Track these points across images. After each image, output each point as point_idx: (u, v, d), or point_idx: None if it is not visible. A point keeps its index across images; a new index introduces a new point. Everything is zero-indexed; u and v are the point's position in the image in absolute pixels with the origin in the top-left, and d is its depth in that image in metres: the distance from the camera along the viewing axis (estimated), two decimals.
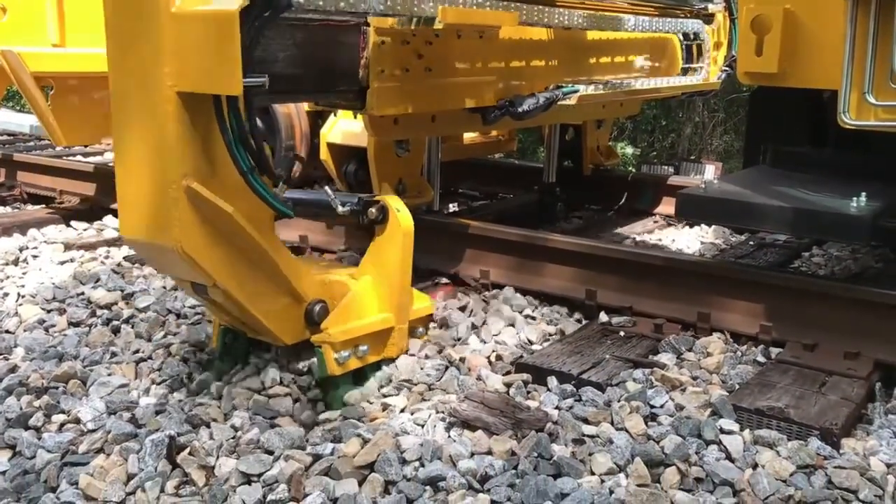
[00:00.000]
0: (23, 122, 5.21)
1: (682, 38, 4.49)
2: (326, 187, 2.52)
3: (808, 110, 3.79)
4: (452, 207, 4.81)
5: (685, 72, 4.52)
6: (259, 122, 4.48)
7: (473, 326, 2.88)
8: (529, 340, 2.83)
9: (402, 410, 2.31)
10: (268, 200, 2.16)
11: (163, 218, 2.05)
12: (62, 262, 3.74)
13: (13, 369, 2.60)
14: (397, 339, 2.53)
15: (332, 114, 3.90)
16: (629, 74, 4.15)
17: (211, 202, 2.05)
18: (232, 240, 2.15)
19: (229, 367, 2.56)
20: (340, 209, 2.48)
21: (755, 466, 1.96)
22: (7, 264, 3.70)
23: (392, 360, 2.54)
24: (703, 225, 4.65)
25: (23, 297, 3.28)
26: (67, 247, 3.97)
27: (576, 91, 3.32)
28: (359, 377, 2.45)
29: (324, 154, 3.79)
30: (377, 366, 2.52)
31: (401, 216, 2.48)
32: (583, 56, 3.80)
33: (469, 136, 4.92)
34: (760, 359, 2.63)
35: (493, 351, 2.71)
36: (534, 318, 3.00)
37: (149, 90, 2.00)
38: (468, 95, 3.14)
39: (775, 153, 3.59)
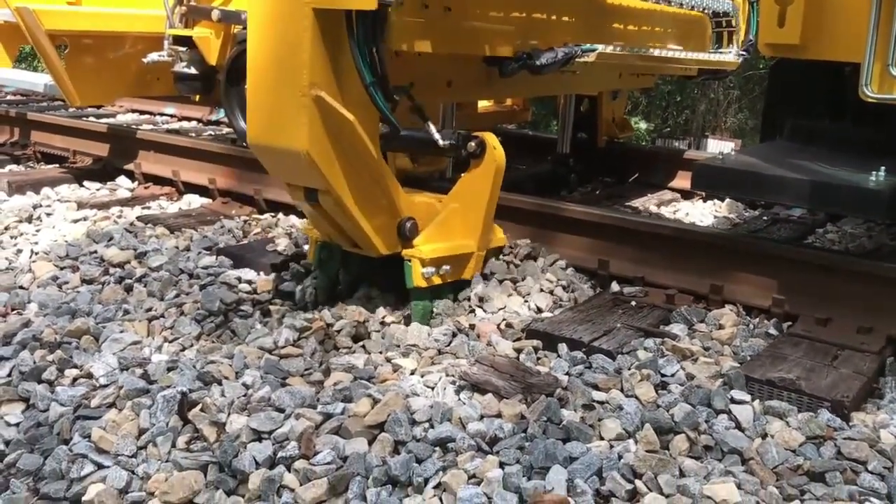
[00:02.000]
0: (37, 81, 5.20)
1: (712, 17, 4.44)
2: (429, 122, 2.68)
3: (828, 84, 3.74)
4: None
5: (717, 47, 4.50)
6: None
7: (481, 300, 2.88)
8: (539, 308, 2.83)
9: (413, 373, 2.32)
10: (384, 113, 2.42)
11: (292, 124, 2.29)
12: (75, 221, 3.75)
13: (27, 324, 2.62)
14: (474, 263, 2.77)
15: None
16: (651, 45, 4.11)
17: (336, 111, 2.28)
18: (348, 149, 2.38)
19: (324, 283, 2.83)
20: (442, 142, 2.65)
21: (764, 436, 1.96)
22: (21, 221, 3.71)
23: (468, 281, 2.79)
24: (716, 200, 4.63)
25: (36, 253, 3.29)
26: (80, 205, 3.98)
27: (594, 49, 3.29)
28: (436, 293, 2.70)
29: None
30: (458, 285, 2.79)
31: (497, 153, 2.66)
32: (604, 20, 3.77)
33: (483, 105, 4.89)
34: (773, 332, 2.62)
35: (503, 319, 2.71)
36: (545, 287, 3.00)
37: (286, 4, 2.25)
38: (486, 42, 3.14)
39: (793, 127, 3.55)
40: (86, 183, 4.52)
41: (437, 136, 2.65)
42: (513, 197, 3.39)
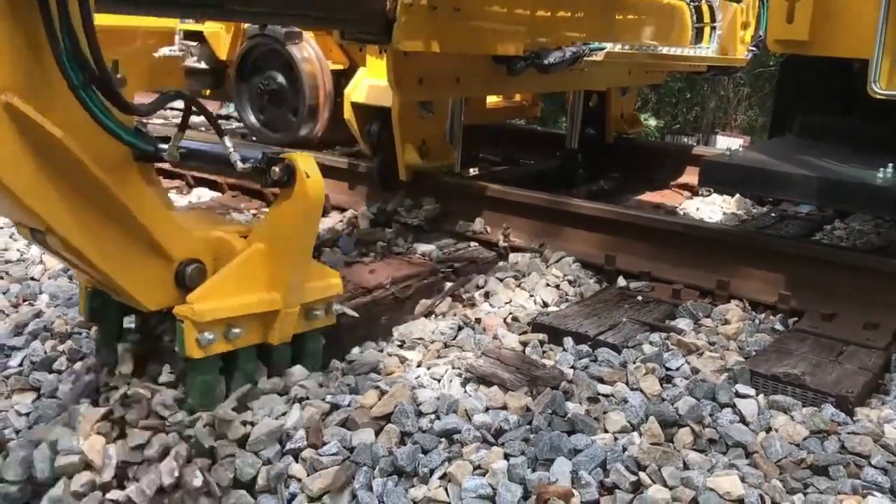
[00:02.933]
0: None
1: (691, 8, 4.42)
2: (226, 138, 2.04)
3: (837, 80, 3.74)
4: (473, 172, 4.81)
5: (695, 43, 4.47)
6: (284, 81, 4.52)
7: (487, 295, 2.90)
8: (545, 303, 2.85)
9: (419, 365, 2.33)
10: (106, 124, 1.73)
11: None
12: None
13: (38, 315, 2.65)
14: (282, 324, 2.07)
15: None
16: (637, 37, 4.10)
17: (36, 124, 1.65)
18: (70, 176, 1.73)
19: (105, 339, 2.22)
20: (240, 165, 2.02)
21: (769, 430, 1.97)
22: None
23: (270, 346, 2.10)
24: (725, 196, 4.63)
25: None
26: None
27: (602, 48, 3.30)
28: (228, 364, 2.04)
29: (347, 113, 3.79)
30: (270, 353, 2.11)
31: (310, 182, 1.99)
32: (611, 16, 3.78)
33: (492, 101, 4.90)
34: (779, 327, 2.63)
35: (510, 312, 2.73)
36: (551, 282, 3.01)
37: None
38: (495, 41, 3.14)
39: (802, 123, 3.55)
40: None
41: (234, 155, 2.01)
42: (520, 192, 3.41)
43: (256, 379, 2.09)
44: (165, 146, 1.98)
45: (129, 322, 2.23)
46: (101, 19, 4.41)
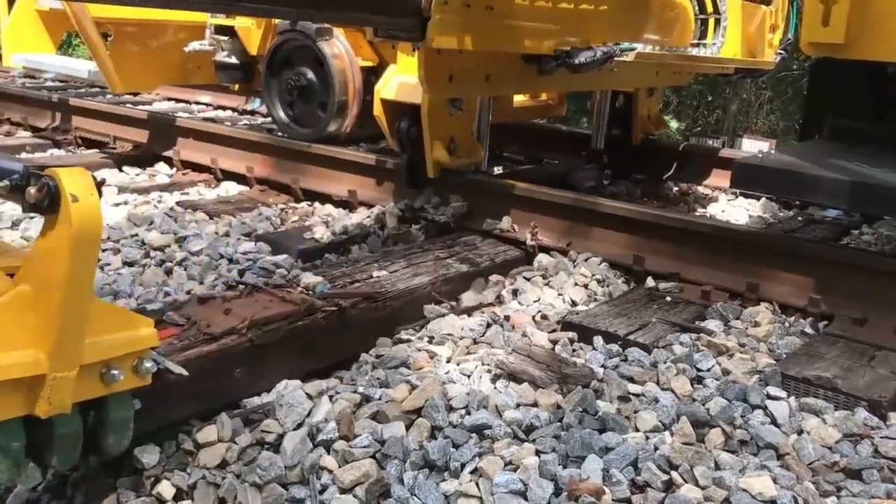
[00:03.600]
0: (80, 67, 5.29)
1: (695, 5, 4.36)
2: None
3: (870, 84, 3.71)
4: (497, 171, 4.81)
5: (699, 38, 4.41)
6: (313, 77, 4.54)
7: (515, 293, 2.90)
8: (574, 302, 2.85)
9: (448, 361, 2.35)
10: None
11: None
12: (116, 205, 3.82)
13: None
14: (53, 392, 1.53)
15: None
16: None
17: None
18: None
19: None
20: None
21: (800, 432, 1.97)
22: None
23: (38, 419, 1.54)
24: (751, 198, 4.62)
25: None
26: (121, 190, 4.05)
27: (633, 48, 3.29)
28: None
29: (377, 110, 3.81)
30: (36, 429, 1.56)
31: (78, 208, 1.43)
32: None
33: (519, 99, 4.90)
34: (809, 330, 2.62)
35: (539, 311, 2.74)
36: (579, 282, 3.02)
37: None
38: (526, 40, 3.14)
39: (833, 127, 3.53)
40: (125, 168, 4.60)
41: None
42: (548, 191, 3.41)
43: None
44: None
45: None
46: (134, 13, 4.47)
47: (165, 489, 1.81)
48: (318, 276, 2.53)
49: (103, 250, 3.19)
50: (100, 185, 1.51)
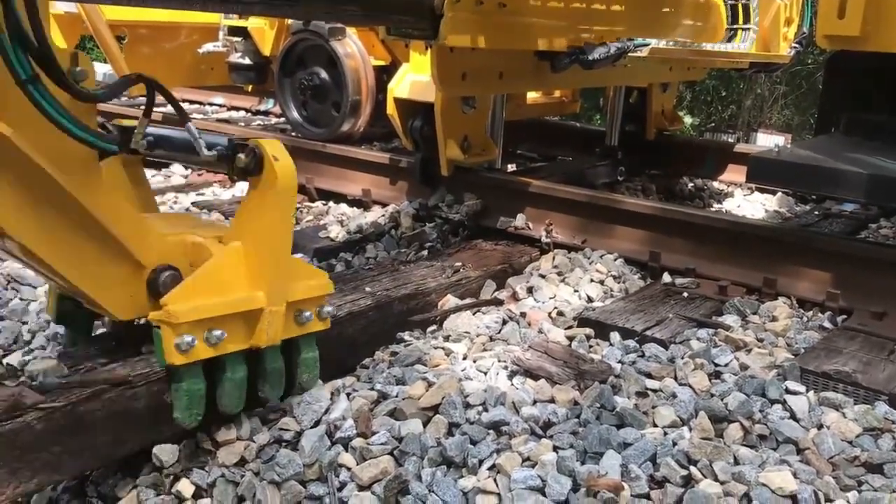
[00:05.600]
0: (95, 70, 5.33)
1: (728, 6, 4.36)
2: (189, 124, 1.91)
3: (887, 77, 3.69)
4: (511, 169, 4.81)
5: (729, 38, 4.41)
6: (327, 76, 4.55)
7: (531, 290, 2.90)
8: (590, 298, 2.85)
9: (465, 358, 2.34)
10: (56, 120, 1.57)
11: None
12: None
13: None
14: (268, 324, 1.87)
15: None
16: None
17: None
18: (24, 177, 1.61)
19: (73, 341, 2.07)
20: (204, 153, 1.88)
21: (820, 427, 1.96)
22: None
23: (260, 352, 1.90)
24: (767, 193, 4.59)
25: None
26: None
27: (647, 44, 3.28)
28: (214, 369, 1.85)
29: (390, 109, 3.81)
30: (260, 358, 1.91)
31: (279, 166, 1.82)
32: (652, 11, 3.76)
33: (532, 97, 4.90)
34: (827, 325, 2.60)
35: (555, 307, 2.73)
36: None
37: None
38: (539, 37, 3.13)
39: (849, 120, 3.51)
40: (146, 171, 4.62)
41: (199, 142, 1.88)
42: (563, 188, 3.40)
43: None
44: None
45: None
46: (147, 14, 4.49)
47: (185, 487, 1.82)
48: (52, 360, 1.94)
49: None
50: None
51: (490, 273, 2.96)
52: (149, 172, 4.53)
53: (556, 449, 1.85)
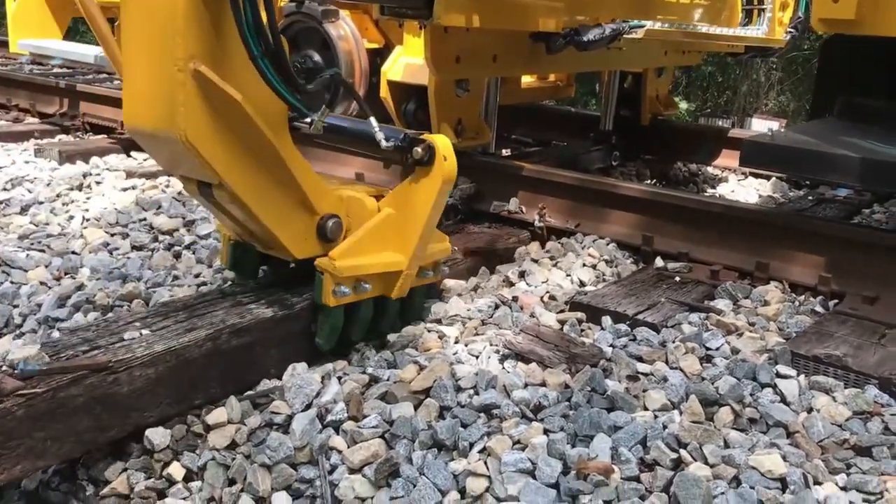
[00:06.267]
0: (87, 52, 5.28)
1: None
2: (372, 118, 2.23)
3: (881, 61, 3.68)
4: (505, 153, 4.79)
5: (745, 23, 4.40)
6: (320, 59, 4.52)
7: (523, 274, 2.89)
8: (582, 282, 2.85)
9: (456, 341, 2.34)
10: (278, 90, 1.95)
11: (168, 104, 1.86)
12: (124, 189, 3.82)
13: (80, 287, 2.69)
14: (402, 283, 2.30)
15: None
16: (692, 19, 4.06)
17: (219, 88, 1.87)
18: (242, 135, 1.96)
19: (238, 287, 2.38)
20: (384, 143, 2.21)
21: (810, 410, 1.96)
22: (72, 189, 3.79)
23: (386, 299, 2.31)
24: (761, 178, 4.59)
25: (87, 220, 3.36)
26: (129, 174, 4.05)
27: (642, 25, 3.27)
28: (351, 311, 2.25)
29: (384, 92, 3.79)
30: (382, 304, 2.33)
31: (447, 165, 2.21)
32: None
33: (527, 81, 4.87)
34: (819, 309, 2.61)
35: (547, 291, 2.73)
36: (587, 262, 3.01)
37: None
38: (534, 17, 3.12)
39: (844, 105, 3.50)
40: (133, 153, 4.59)
41: (379, 134, 2.21)
42: (556, 172, 3.39)
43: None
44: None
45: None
46: None
47: (175, 470, 1.82)
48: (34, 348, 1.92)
49: (111, 234, 3.19)
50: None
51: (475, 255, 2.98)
52: (141, 156, 4.52)
53: (546, 432, 1.85)
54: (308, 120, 2.17)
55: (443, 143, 2.22)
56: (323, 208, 2.23)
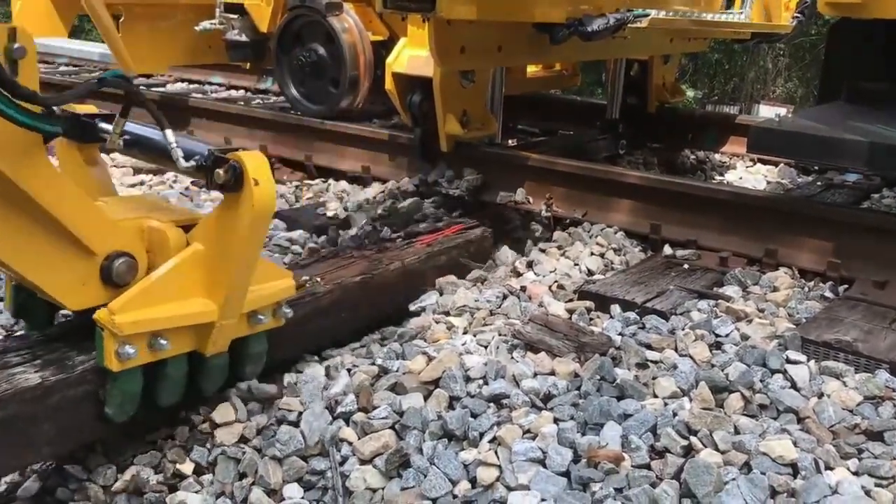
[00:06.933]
0: (91, 50, 5.30)
1: None
2: (168, 131, 1.76)
3: (889, 45, 3.64)
4: (511, 143, 4.78)
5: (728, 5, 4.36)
6: (324, 53, 4.52)
7: (531, 264, 2.89)
8: (590, 271, 2.84)
9: (465, 332, 2.34)
10: (7, 115, 1.50)
11: None
12: (132, 185, 3.84)
13: None
14: (217, 337, 1.84)
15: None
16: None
17: None
18: None
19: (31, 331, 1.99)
20: (182, 163, 1.75)
21: (821, 396, 1.95)
22: None
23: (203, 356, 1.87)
24: (769, 165, 4.57)
25: None
26: (136, 171, 4.07)
27: (646, 14, 3.25)
28: (155, 373, 1.80)
29: (389, 84, 3.78)
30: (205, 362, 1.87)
31: (258, 191, 1.71)
32: None
33: (532, 70, 4.86)
34: (828, 295, 2.60)
35: (555, 281, 2.73)
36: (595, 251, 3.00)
37: None
38: (538, 8, 3.10)
39: (852, 89, 3.46)
40: None
41: (176, 151, 1.76)
42: (563, 161, 3.38)
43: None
44: (108, 127, 1.83)
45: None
46: None
47: (185, 465, 1.83)
48: None
49: None
50: (271, 166, 1.77)
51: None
52: None
53: (556, 421, 1.85)
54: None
55: (254, 163, 1.71)
56: (106, 246, 1.75)
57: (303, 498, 1.76)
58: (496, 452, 1.76)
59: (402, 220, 3.34)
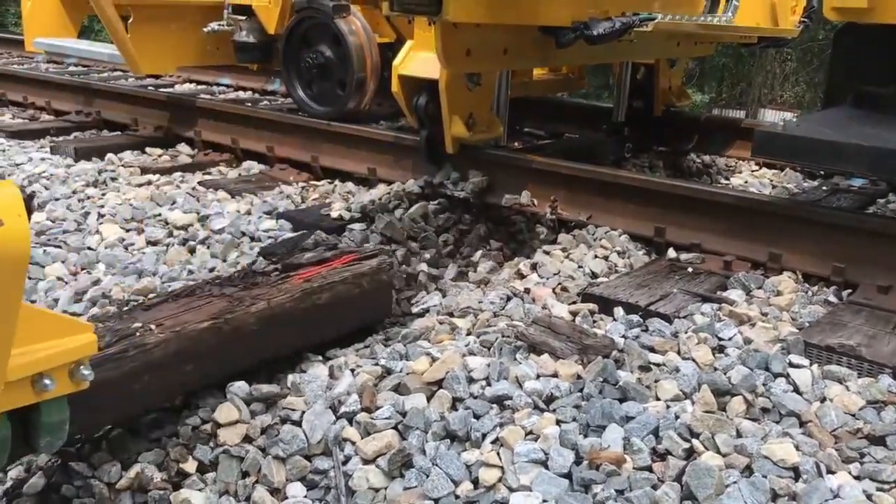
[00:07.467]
0: (101, 51, 5.32)
1: None
2: None
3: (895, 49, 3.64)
4: (517, 146, 4.79)
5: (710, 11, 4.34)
6: (331, 54, 4.54)
7: (535, 266, 2.90)
8: (594, 274, 2.85)
9: (468, 333, 2.35)
10: None
11: None
12: (139, 185, 3.85)
13: (96, 282, 2.72)
14: None
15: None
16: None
17: None
18: None
19: None
20: None
21: (823, 400, 1.96)
22: (87, 185, 3.83)
23: None
24: (775, 169, 4.57)
25: (103, 216, 3.39)
26: (144, 171, 4.09)
27: (653, 18, 3.25)
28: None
29: (395, 86, 3.79)
30: None
31: (4, 232, 1.21)
32: None
33: (538, 73, 4.87)
34: (832, 299, 2.60)
35: (559, 283, 2.73)
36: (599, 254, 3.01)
37: None
38: (544, 12, 3.10)
39: (858, 94, 3.46)
40: (148, 149, 4.63)
41: None
42: (568, 164, 3.39)
43: None
44: None
45: None
46: None
47: (188, 464, 1.84)
48: None
49: (126, 230, 3.22)
50: (30, 199, 1.35)
51: None
52: (155, 152, 4.55)
53: (558, 422, 1.86)
54: None
55: (5, 199, 1.23)
56: None
57: (306, 497, 1.77)
58: (498, 453, 1.77)
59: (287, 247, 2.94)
